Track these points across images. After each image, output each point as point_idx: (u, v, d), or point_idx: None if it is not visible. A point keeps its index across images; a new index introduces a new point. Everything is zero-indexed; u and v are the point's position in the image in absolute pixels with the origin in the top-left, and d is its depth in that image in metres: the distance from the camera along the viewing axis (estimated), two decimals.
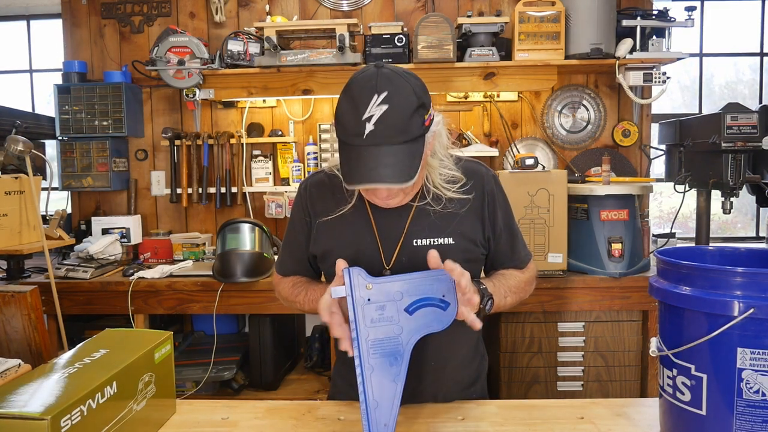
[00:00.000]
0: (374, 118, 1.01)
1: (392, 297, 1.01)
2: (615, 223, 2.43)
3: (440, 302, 1.01)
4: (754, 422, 0.88)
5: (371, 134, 1.01)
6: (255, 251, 2.53)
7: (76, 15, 3.10)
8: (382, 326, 1.00)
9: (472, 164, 1.29)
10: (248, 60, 2.71)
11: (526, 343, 2.47)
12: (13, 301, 1.66)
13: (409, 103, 1.03)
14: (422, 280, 1.02)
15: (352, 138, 1.03)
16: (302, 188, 1.32)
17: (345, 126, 1.04)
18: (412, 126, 1.04)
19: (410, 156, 1.04)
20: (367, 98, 1.02)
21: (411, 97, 1.04)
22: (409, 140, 1.04)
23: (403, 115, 1.02)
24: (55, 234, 2.61)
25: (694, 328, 0.92)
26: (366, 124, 1.01)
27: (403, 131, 1.03)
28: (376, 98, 1.01)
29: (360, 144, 1.02)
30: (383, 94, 1.01)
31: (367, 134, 1.01)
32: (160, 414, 1.13)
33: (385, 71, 1.05)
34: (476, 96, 3.00)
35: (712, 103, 3.30)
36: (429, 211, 1.22)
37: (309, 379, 2.84)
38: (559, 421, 1.14)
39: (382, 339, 1.00)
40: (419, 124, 1.05)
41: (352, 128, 1.03)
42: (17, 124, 2.60)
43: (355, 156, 1.03)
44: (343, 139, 1.06)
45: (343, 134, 1.05)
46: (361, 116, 1.01)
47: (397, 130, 1.02)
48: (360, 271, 1.01)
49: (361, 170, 1.02)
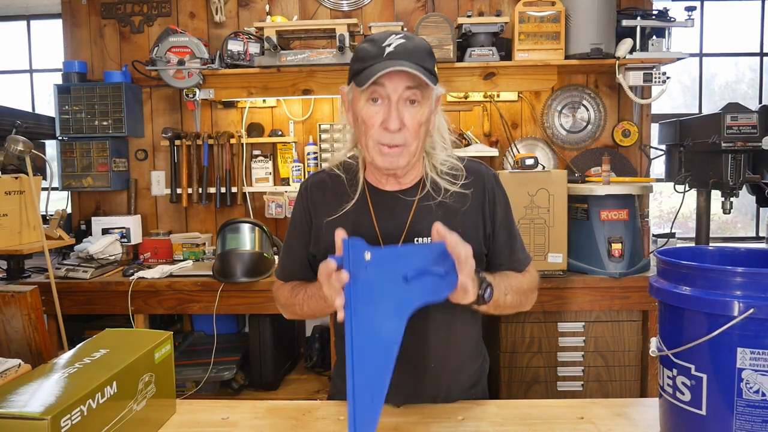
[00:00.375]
0: (393, 45, 1.10)
1: (391, 265, 0.98)
2: (615, 223, 2.43)
3: (440, 273, 0.99)
4: (754, 422, 0.88)
5: (392, 53, 1.09)
6: (255, 251, 2.53)
7: (76, 15, 3.10)
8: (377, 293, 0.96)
9: (473, 163, 1.30)
10: (248, 60, 2.71)
11: (526, 343, 2.47)
12: (13, 301, 1.66)
13: (423, 45, 1.14)
14: (423, 250, 1.03)
15: (371, 60, 1.10)
16: (303, 188, 1.32)
17: (365, 55, 1.12)
18: (426, 60, 1.12)
19: (428, 75, 1.10)
20: (387, 36, 1.12)
21: (424, 43, 1.15)
22: (425, 68, 1.11)
23: (420, 50, 1.12)
24: (55, 234, 2.61)
25: (694, 328, 0.92)
26: (386, 48, 1.10)
27: (421, 59, 1.11)
28: (395, 36, 1.12)
29: (381, 60, 1.09)
30: (400, 35, 1.13)
31: (387, 53, 1.09)
32: (160, 414, 1.13)
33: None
34: (476, 96, 3.00)
35: (713, 103, 3.30)
36: (430, 209, 1.22)
37: (309, 379, 2.84)
38: (559, 421, 1.14)
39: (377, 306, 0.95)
40: (431, 64, 1.14)
41: (373, 53, 1.11)
42: (17, 124, 2.60)
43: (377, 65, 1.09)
44: (361, 66, 1.12)
45: (362, 63, 1.12)
46: (381, 45, 1.11)
47: (415, 56, 1.10)
48: (359, 240, 1.00)
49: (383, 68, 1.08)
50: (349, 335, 0.93)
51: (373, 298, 0.96)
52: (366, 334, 0.94)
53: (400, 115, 1.11)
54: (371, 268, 0.97)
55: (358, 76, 1.12)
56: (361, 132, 1.17)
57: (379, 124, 1.12)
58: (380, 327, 0.95)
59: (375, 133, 1.13)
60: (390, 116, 1.10)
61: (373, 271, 0.97)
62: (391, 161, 1.15)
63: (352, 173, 1.27)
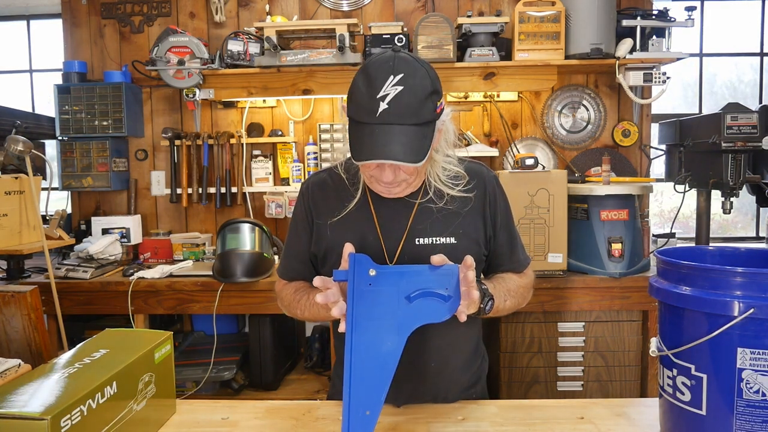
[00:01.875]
0: (388, 98, 1.03)
1: (394, 284, 1.00)
2: (615, 223, 2.43)
3: (442, 295, 1.01)
4: (754, 422, 0.88)
5: (385, 113, 1.02)
6: (255, 251, 2.53)
7: (76, 15, 3.10)
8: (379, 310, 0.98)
9: (474, 165, 1.30)
10: (248, 60, 2.71)
11: (526, 343, 2.47)
12: (13, 301, 1.66)
13: (424, 87, 1.06)
14: (427, 272, 1.02)
15: (364, 116, 1.04)
16: (304, 188, 1.32)
17: (358, 104, 1.06)
18: (424, 110, 1.06)
19: (421, 138, 1.06)
20: (383, 78, 1.04)
21: (426, 81, 1.06)
22: (421, 123, 1.05)
23: (417, 98, 1.04)
24: (55, 234, 2.61)
25: (694, 328, 0.92)
26: (380, 102, 1.03)
27: (416, 114, 1.04)
28: (392, 79, 1.03)
29: (372, 122, 1.03)
30: (399, 75, 1.04)
31: (380, 112, 1.02)
32: (160, 414, 1.13)
33: (402, 55, 1.08)
34: (476, 96, 3.00)
35: (714, 103, 3.30)
36: (431, 210, 1.22)
37: (309, 379, 2.84)
38: (559, 421, 1.14)
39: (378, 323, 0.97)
40: (431, 109, 1.07)
41: (365, 106, 1.04)
42: (17, 124, 2.60)
43: (368, 133, 1.04)
44: (355, 118, 1.07)
45: (356, 112, 1.07)
46: (375, 95, 1.03)
47: (410, 111, 1.04)
48: (365, 257, 1.01)
49: (372, 146, 1.03)
50: (349, 349, 0.95)
51: (375, 315, 0.98)
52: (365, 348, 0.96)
53: (394, 169, 1.11)
54: (375, 285, 0.98)
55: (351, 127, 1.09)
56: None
57: (374, 168, 1.12)
58: (380, 342, 0.97)
59: (371, 172, 1.14)
60: (383, 172, 1.11)
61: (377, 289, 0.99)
62: (389, 191, 1.17)
63: (354, 172, 1.27)
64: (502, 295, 1.19)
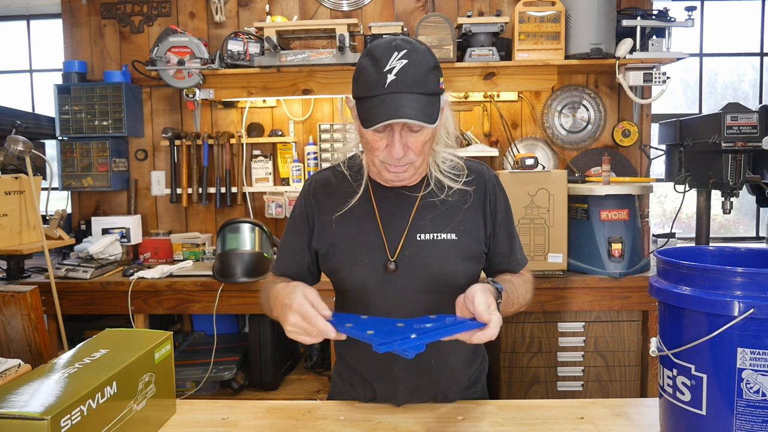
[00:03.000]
0: (395, 70, 1.06)
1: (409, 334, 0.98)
2: (615, 223, 2.43)
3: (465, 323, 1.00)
4: (754, 422, 0.88)
5: (393, 83, 1.06)
6: (255, 251, 2.53)
7: (76, 15, 3.10)
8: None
9: (474, 163, 1.31)
10: (248, 60, 2.71)
11: (526, 343, 2.47)
12: (13, 301, 1.66)
13: (427, 61, 1.09)
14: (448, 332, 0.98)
15: (373, 89, 1.07)
16: (307, 185, 1.33)
17: (366, 79, 1.09)
18: (429, 81, 1.09)
19: (430, 105, 1.09)
20: (388, 54, 1.07)
21: (428, 56, 1.11)
22: (428, 93, 1.09)
23: (422, 71, 1.08)
24: (55, 234, 2.61)
25: (694, 328, 0.92)
26: (387, 75, 1.06)
27: (423, 84, 1.08)
28: (396, 54, 1.07)
29: (382, 93, 1.06)
30: (403, 51, 1.07)
31: (388, 83, 1.06)
32: (160, 414, 1.13)
33: (403, 37, 1.12)
34: (476, 96, 3.00)
35: (714, 103, 3.30)
36: (432, 206, 1.23)
37: (309, 379, 2.84)
38: (559, 421, 1.14)
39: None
40: (435, 83, 1.11)
41: (373, 80, 1.07)
42: (17, 124, 2.60)
43: (378, 102, 1.06)
44: (363, 94, 1.09)
45: (363, 88, 1.09)
46: (382, 69, 1.06)
47: (417, 81, 1.07)
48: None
49: (385, 111, 1.06)
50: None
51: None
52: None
53: (404, 141, 1.12)
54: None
55: (360, 105, 1.11)
56: (365, 148, 1.18)
57: (384, 148, 1.13)
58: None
59: (380, 155, 1.14)
60: (393, 145, 1.11)
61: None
62: (397, 176, 1.18)
63: (357, 170, 1.28)
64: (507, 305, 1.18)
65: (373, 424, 1.15)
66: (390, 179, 1.19)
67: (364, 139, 1.15)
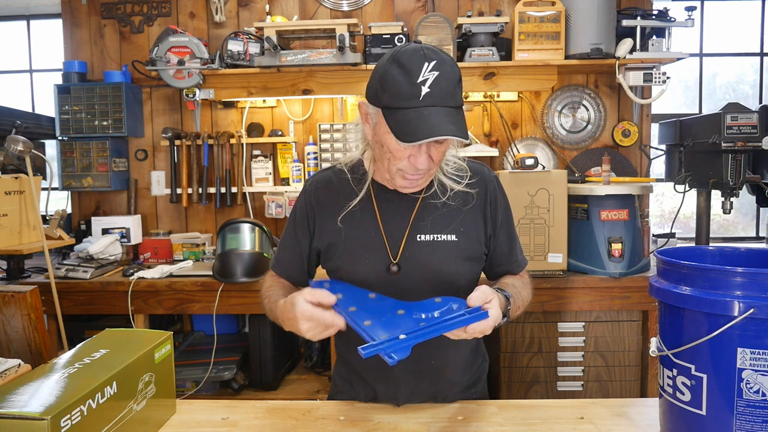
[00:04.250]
0: (428, 82, 1.05)
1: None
2: (615, 223, 2.43)
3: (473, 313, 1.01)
4: (754, 422, 0.88)
5: (428, 96, 1.05)
6: (255, 251, 2.53)
7: (76, 15, 3.10)
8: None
9: (475, 164, 1.31)
10: (248, 60, 2.71)
11: (526, 343, 2.47)
12: (13, 301, 1.66)
13: (455, 73, 1.09)
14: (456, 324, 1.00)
15: (407, 101, 1.06)
16: (308, 185, 1.32)
17: (398, 90, 1.07)
18: (458, 94, 1.10)
19: (461, 118, 1.09)
20: (419, 65, 1.06)
21: (455, 68, 1.10)
22: (458, 106, 1.09)
23: (451, 83, 1.08)
24: (55, 234, 2.61)
25: (694, 328, 0.92)
26: (421, 87, 1.05)
27: (453, 97, 1.08)
28: (427, 65, 1.06)
29: (418, 105, 1.05)
30: (433, 61, 1.06)
31: (423, 96, 1.05)
32: (160, 414, 1.13)
33: (428, 45, 1.11)
34: (476, 96, 3.00)
35: (714, 103, 3.30)
36: (433, 207, 1.23)
37: (309, 379, 2.84)
38: (559, 421, 1.14)
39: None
40: (461, 94, 1.11)
41: (406, 92, 1.06)
42: (17, 124, 2.60)
43: (415, 116, 1.05)
44: (394, 105, 1.07)
45: (395, 99, 1.07)
46: (415, 80, 1.05)
47: (449, 94, 1.07)
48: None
49: (426, 126, 1.04)
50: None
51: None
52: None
53: (429, 152, 1.12)
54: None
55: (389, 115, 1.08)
56: (382, 155, 1.16)
57: (407, 158, 1.13)
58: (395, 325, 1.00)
59: (401, 165, 1.14)
60: (420, 156, 1.11)
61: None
62: (413, 186, 1.18)
63: (360, 172, 1.28)
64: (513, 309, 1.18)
65: (373, 424, 1.15)
66: (404, 186, 1.19)
67: (385, 148, 1.13)
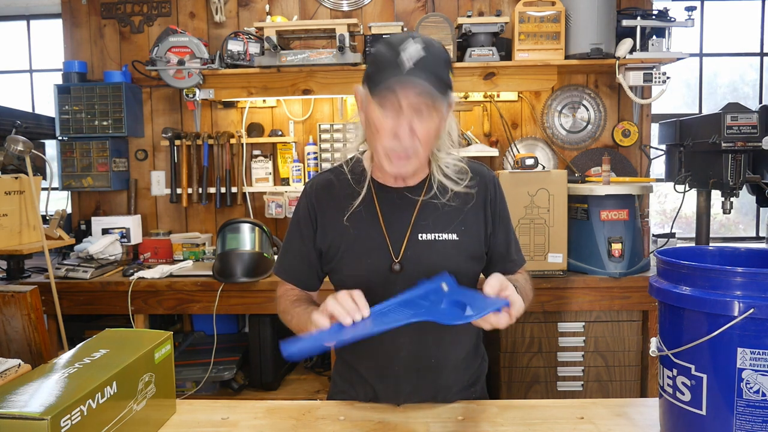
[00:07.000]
0: (413, 59, 1.06)
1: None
2: (615, 223, 2.43)
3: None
4: (754, 422, 0.88)
5: (411, 70, 1.06)
6: (255, 251, 2.53)
7: (76, 15, 3.10)
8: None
9: (474, 164, 1.32)
10: (248, 60, 2.71)
11: (526, 343, 2.47)
12: (13, 301, 1.66)
13: (442, 53, 1.11)
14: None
15: (390, 74, 1.07)
16: (308, 187, 1.33)
17: (383, 64, 1.09)
18: (443, 75, 1.10)
19: (444, 89, 1.09)
20: (404, 42, 1.08)
21: (443, 50, 1.12)
22: (443, 84, 1.09)
23: (438, 62, 1.09)
24: (55, 234, 2.61)
25: (694, 328, 0.92)
26: (406, 61, 1.06)
27: (438, 76, 1.08)
28: (412, 42, 1.08)
29: (399, 75, 1.06)
30: (419, 41, 1.08)
31: (407, 69, 1.06)
32: (160, 414, 1.13)
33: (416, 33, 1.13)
34: (476, 96, 3.00)
35: (714, 103, 3.30)
36: (434, 206, 1.24)
37: (309, 379, 2.84)
38: (559, 421, 1.14)
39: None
40: (448, 76, 1.12)
41: (391, 66, 1.07)
42: (17, 124, 2.59)
43: (396, 81, 1.07)
44: (379, 76, 1.09)
45: (379, 71, 1.09)
46: (398, 55, 1.07)
47: (432, 72, 1.07)
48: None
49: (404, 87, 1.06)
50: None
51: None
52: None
53: (411, 124, 1.11)
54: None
55: (374, 87, 1.10)
56: (371, 136, 1.17)
57: (390, 132, 1.12)
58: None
59: (385, 140, 1.13)
60: (400, 125, 1.11)
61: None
62: (399, 168, 1.16)
63: (359, 171, 1.28)
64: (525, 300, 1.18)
65: (373, 424, 1.15)
66: (391, 171, 1.17)
67: (371, 127, 1.14)
